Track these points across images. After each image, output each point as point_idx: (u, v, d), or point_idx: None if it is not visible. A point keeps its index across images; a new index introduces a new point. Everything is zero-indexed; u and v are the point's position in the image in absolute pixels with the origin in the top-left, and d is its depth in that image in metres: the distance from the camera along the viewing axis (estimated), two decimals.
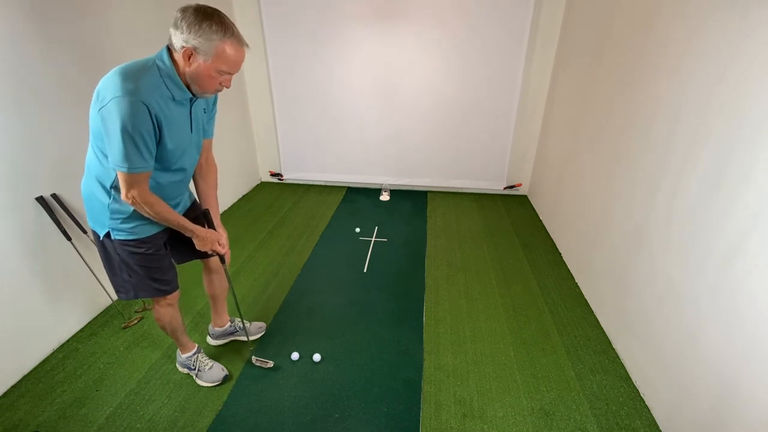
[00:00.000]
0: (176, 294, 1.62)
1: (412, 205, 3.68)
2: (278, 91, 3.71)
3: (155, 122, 1.19)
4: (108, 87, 1.14)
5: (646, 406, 1.73)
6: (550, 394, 1.79)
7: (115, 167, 1.19)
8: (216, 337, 2.02)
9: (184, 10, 1.15)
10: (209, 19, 1.14)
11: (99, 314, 2.23)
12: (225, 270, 1.72)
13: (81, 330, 2.11)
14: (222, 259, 1.64)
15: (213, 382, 1.80)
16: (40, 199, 1.85)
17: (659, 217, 1.73)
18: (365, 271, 2.68)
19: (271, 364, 1.90)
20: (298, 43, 3.48)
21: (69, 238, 1.95)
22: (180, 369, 1.87)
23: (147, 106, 1.15)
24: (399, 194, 3.91)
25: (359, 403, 1.74)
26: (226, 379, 1.82)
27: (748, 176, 1.28)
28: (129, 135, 1.13)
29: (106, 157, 1.23)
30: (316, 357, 1.95)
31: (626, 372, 1.90)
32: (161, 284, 1.53)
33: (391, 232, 3.18)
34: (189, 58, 1.18)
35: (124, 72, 1.16)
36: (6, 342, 1.77)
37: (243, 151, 3.83)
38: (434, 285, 2.53)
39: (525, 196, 3.89)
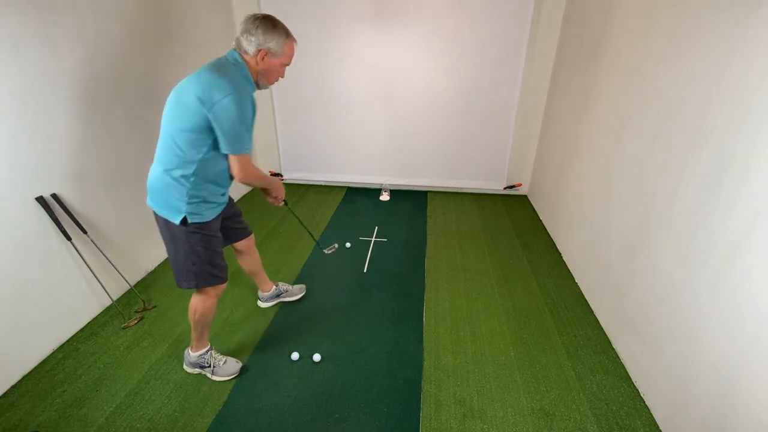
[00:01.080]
0: (225, 285, 1.72)
1: (412, 205, 3.67)
2: (278, 90, 3.71)
3: (253, 112, 1.46)
4: (217, 87, 1.34)
5: (646, 406, 1.73)
6: (550, 394, 1.79)
7: (234, 152, 1.43)
8: (266, 300, 2.29)
9: (253, 21, 1.42)
10: (276, 26, 1.45)
11: (99, 314, 2.23)
12: (289, 208, 2.18)
13: (81, 330, 2.11)
14: (286, 202, 1.94)
15: (230, 375, 1.83)
16: (40, 199, 1.85)
17: (659, 216, 1.73)
18: (365, 271, 2.68)
19: (336, 246, 2.52)
20: (299, 42, 3.46)
21: (69, 238, 1.95)
22: (189, 370, 1.86)
23: (251, 99, 1.43)
24: (399, 194, 3.91)
25: (359, 403, 1.74)
26: (242, 371, 1.86)
27: (748, 176, 1.28)
28: (244, 124, 1.39)
29: (190, 148, 1.40)
30: (316, 357, 1.95)
31: (626, 372, 1.90)
32: (218, 270, 1.66)
33: (391, 232, 3.17)
34: (263, 58, 1.45)
35: (222, 72, 1.38)
36: (6, 342, 1.77)
37: None
38: (434, 285, 2.53)
39: (525, 196, 3.89)
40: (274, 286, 2.29)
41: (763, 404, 1.19)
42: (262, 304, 2.30)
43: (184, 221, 1.49)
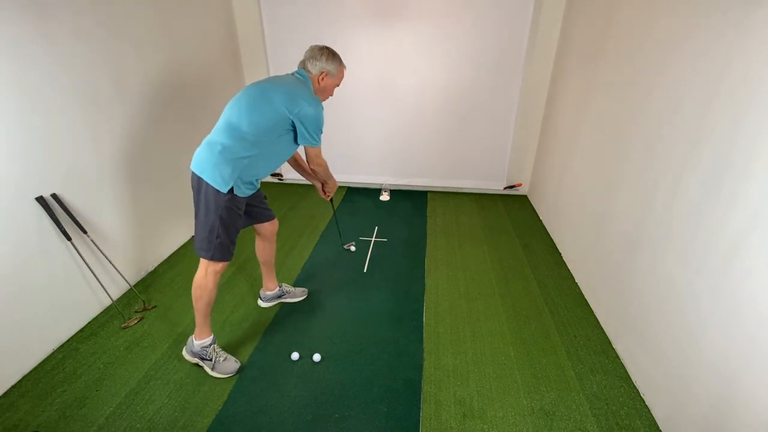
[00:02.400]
0: (227, 264, 1.81)
1: (412, 205, 3.67)
2: None
3: None
4: (302, 97, 1.68)
5: (646, 406, 1.73)
6: (550, 394, 1.79)
7: (311, 145, 1.79)
8: (267, 300, 2.30)
9: (319, 50, 1.78)
10: (335, 55, 1.81)
11: (99, 314, 2.23)
12: (333, 207, 2.65)
13: (81, 330, 2.11)
14: (331, 199, 2.28)
15: (228, 374, 1.84)
16: (40, 199, 1.85)
17: (659, 216, 1.73)
18: (365, 271, 2.68)
19: (353, 245, 2.66)
20: (298, 42, 3.46)
21: (69, 238, 1.95)
22: (188, 358, 1.88)
23: (322, 106, 1.76)
24: (399, 194, 3.91)
25: (359, 403, 1.74)
26: (239, 371, 1.86)
27: (748, 176, 1.28)
28: (321, 125, 1.76)
29: (261, 136, 1.67)
30: (316, 357, 1.95)
31: (626, 372, 1.90)
32: (233, 247, 1.79)
33: (391, 232, 3.17)
34: (323, 78, 1.80)
35: (303, 86, 1.74)
36: (6, 342, 1.77)
37: None
38: (434, 285, 2.53)
39: (525, 196, 3.89)
40: (278, 287, 2.31)
41: (763, 404, 1.19)
42: (262, 304, 2.31)
43: (230, 191, 1.67)
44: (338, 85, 1.89)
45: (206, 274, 1.76)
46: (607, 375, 1.89)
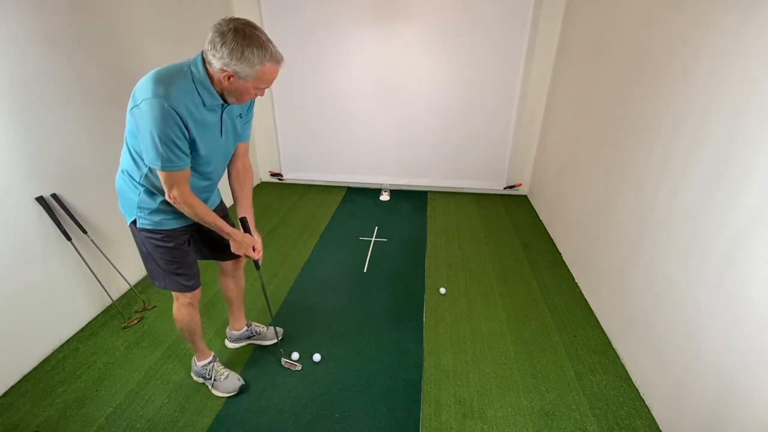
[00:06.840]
0: (197, 293, 1.61)
1: (412, 205, 3.67)
2: (278, 90, 3.71)
3: (183, 126, 1.22)
4: (141, 89, 1.20)
5: (646, 406, 1.73)
6: (550, 394, 1.79)
7: (150, 165, 1.25)
8: (233, 340, 2.02)
9: (222, 33, 1.15)
10: (250, 45, 1.15)
11: (99, 314, 2.23)
12: (259, 275, 1.76)
13: (81, 330, 2.11)
14: (256, 264, 1.66)
15: (229, 392, 1.76)
16: (40, 199, 1.85)
17: (659, 216, 1.73)
18: (365, 271, 2.68)
19: (299, 367, 1.90)
20: (299, 42, 3.48)
21: (69, 238, 1.95)
22: (195, 378, 1.83)
23: (175, 110, 1.18)
24: (399, 194, 3.91)
25: (359, 403, 1.74)
26: (242, 389, 1.77)
27: (748, 176, 1.28)
28: (159, 135, 1.18)
29: (138, 154, 1.30)
30: (316, 357, 1.95)
31: (626, 372, 1.90)
32: (184, 279, 1.54)
33: (391, 232, 3.17)
34: (229, 78, 1.21)
35: (157, 76, 1.21)
36: (6, 342, 1.77)
37: None
38: (434, 285, 2.52)
39: (525, 196, 3.89)
40: (246, 326, 2.02)
41: (763, 404, 1.19)
42: (229, 344, 2.04)
43: (135, 223, 1.42)
44: (266, 86, 1.28)
45: (178, 307, 1.62)
46: (607, 375, 1.89)
